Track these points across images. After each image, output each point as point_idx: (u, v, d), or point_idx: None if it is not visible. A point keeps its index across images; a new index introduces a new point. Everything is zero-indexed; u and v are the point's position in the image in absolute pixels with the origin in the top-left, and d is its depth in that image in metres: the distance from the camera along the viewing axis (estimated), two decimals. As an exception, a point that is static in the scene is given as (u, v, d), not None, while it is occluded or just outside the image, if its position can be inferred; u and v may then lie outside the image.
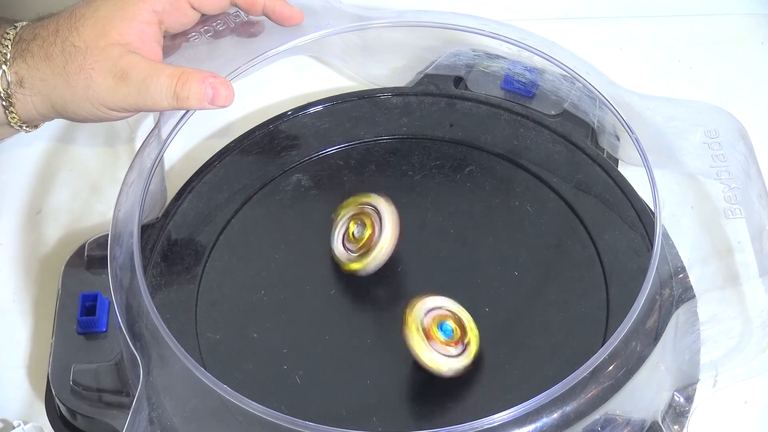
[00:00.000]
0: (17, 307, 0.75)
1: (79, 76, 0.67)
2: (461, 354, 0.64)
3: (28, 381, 0.71)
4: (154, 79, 0.67)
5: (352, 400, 0.65)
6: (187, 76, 0.67)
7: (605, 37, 0.92)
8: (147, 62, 0.68)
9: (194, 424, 0.62)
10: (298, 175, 0.76)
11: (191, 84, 0.67)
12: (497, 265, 0.71)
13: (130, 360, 0.64)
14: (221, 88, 0.68)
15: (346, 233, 0.69)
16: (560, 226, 0.73)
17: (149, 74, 0.67)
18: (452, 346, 0.63)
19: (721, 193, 0.70)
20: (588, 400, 0.62)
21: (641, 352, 0.64)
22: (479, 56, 0.82)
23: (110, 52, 0.67)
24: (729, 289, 0.69)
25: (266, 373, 0.66)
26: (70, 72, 0.67)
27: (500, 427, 0.59)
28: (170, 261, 0.71)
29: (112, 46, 0.67)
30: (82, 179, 0.82)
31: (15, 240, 0.79)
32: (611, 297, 0.68)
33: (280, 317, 0.69)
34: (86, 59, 0.67)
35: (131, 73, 0.67)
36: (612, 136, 0.78)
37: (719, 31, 0.92)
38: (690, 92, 0.86)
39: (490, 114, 0.80)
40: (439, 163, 0.77)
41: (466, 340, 0.64)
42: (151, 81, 0.67)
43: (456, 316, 0.65)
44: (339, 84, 0.87)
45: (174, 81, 0.67)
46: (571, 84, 0.79)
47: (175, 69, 0.68)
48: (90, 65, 0.67)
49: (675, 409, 0.66)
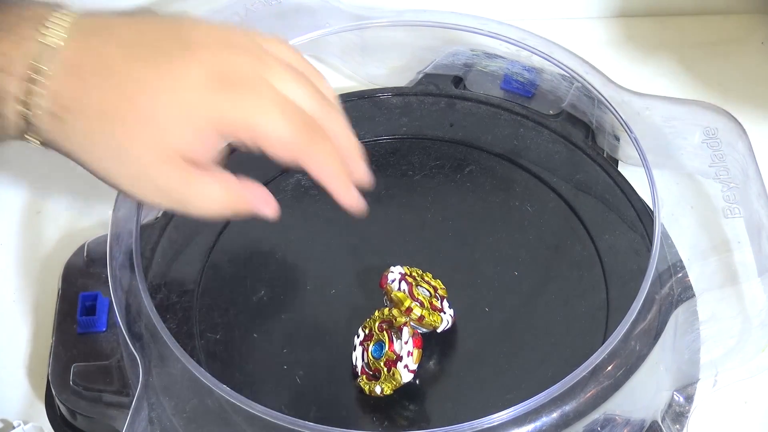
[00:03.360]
0: (17, 307, 0.75)
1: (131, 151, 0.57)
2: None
3: (28, 381, 0.71)
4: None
5: (352, 400, 0.65)
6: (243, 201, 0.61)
7: (605, 37, 0.92)
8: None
9: (194, 424, 0.62)
10: (298, 175, 0.76)
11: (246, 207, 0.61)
12: (497, 265, 0.71)
13: (130, 360, 0.64)
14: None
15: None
16: (560, 226, 0.73)
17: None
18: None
19: (720, 193, 0.70)
20: (587, 399, 0.62)
21: (641, 351, 0.64)
22: (478, 56, 0.82)
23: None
24: (728, 289, 0.69)
25: (266, 373, 0.66)
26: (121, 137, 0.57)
27: (500, 427, 0.59)
28: (170, 261, 0.71)
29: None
30: (82, 179, 0.82)
31: (15, 240, 0.79)
32: (611, 297, 0.68)
33: (280, 317, 0.69)
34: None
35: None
36: (611, 136, 0.78)
37: (719, 31, 0.92)
38: (690, 92, 0.86)
39: (490, 114, 0.80)
40: (439, 163, 0.77)
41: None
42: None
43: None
44: (338, 84, 0.87)
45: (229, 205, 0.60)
46: (570, 84, 0.79)
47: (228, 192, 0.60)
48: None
49: (675, 408, 0.66)
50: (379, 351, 0.64)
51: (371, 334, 0.65)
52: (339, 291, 0.70)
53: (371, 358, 0.64)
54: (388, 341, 0.64)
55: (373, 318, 0.65)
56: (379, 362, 0.64)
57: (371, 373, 0.64)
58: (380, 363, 0.64)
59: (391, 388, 0.63)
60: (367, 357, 0.64)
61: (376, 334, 0.65)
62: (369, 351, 0.65)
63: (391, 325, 0.64)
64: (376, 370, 0.64)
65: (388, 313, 0.65)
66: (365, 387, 0.64)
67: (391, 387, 0.63)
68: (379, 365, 0.64)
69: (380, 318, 0.65)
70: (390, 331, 0.64)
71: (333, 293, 0.70)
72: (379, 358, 0.64)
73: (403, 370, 0.63)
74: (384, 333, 0.64)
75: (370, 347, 0.65)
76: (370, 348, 0.65)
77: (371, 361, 0.64)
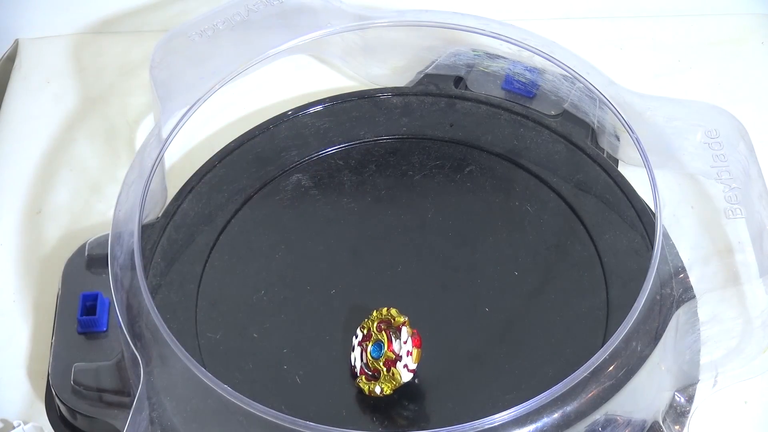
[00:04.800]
0: (17, 307, 0.75)
1: None
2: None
3: (28, 381, 0.71)
4: None
5: (352, 400, 0.65)
6: None
7: (605, 37, 0.92)
8: None
9: (195, 423, 0.62)
10: (298, 175, 0.76)
11: None
12: (497, 265, 0.71)
13: (131, 360, 0.64)
14: None
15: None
16: (560, 226, 0.73)
17: None
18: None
19: (721, 193, 0.70)
20: (588, 400, 0.62)
21: (642, 352, 0.64)
22: (479, 56, 0.82)
23: None
24: (729, 289, 0.69)
25: (266, 373, 0.66)
26: None
27: (500, 427, 0.59)
28: (170, 261, 0.71)
29: None
30: (82, 179, 0.82)
31: (15, 240, 0.79)
32: (611, 297, 0.68)
33: (280, 317, 0.69)
34: None
35: None
36: (612, 136, 0.78)
37: (719, 31, 0.92)
38: (690, 92, 0.86)
39: (490, 114, 0.80)
40: (439, 163, 0.77)
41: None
42: None
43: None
44: (339, 84, 0.87)
45: None
46: (571, 84, 0.79)
47: None
48: None
49: (676, 409, 0.66)
50: (377, 351, 0.64)
51: (370, 334, 0.65)
52: (339, 291, 0.70)
53: (370, 359, 0.64)
54: (387, 341, 0.64)
55: (372, 318, 0.65)
56: (378, 362, 0.64)
57: (370, 373, 0.64)
58: (379, 363, 0.64)
59: (391, 388, 0.63)
60: (366, 357, 0.64)
61: (375, 334, 0.65)
62: (368, 351, 0.65)
63: (390, 324, 0.64)
64: (376, 370, 0.64)
65: (387, 313, 0.65)
66: (365, 387, 0.64)
67: (390, 387, 0.63)
68: (379, 365, 0.64)
69: (378, 318, 0.65)
70: (389, 330, 0.64)
71: (333, 293, 0.70)
72: (378, 358, 0.64)
73: (403, 369, 0.63)
74: (383, 333, 0.64)
75: (369, 347, 0.65)
76: (368, 348, 0.65)
77: (370, 361, 0.64)
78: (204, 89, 0.74)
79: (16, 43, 0.93)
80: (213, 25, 0.76)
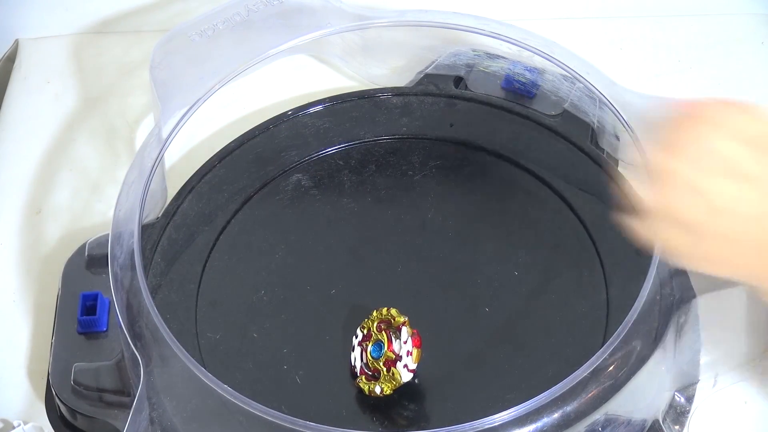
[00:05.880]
0: (17, 307, 0.75)
1: None
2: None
3: (28, 381, 0.71)
4: None
5: (352, 400, 0.65)
6: None
7: (605, 37, 0.92)
8: None
9: (195, 423, 0.62)
10: (298, 175, 0.76)
11: None
12: (497, 265, 0.71)
13: (131, 360, 0.64)
14: None
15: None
16: (560, 226, 0.73)
17: None
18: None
19: (721, 194, 0.70)
20: (588, 400, 0.62)
21: (642, 352, 0.64)
22: (479, 56, 0.82)
23: None
24: (729, 289, 0.69)
25: (266, 373, 0.66)
26: None
27: (500, 427, 0.59)
28: (170, 261, 0.71)
29: None
30: (82, 179, 0.82)
31: (15, 240, 0.79)
32: (611, 297, 0.68)
33: (280, 317, 0.69)
34: None
35: None
36: (612, 136, 0.78)
37: (719, 31, 0.92)
38: (690, 92, 0.86)
39: (490, 114, 0.80)
40: (439, 163, 0.77)
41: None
42: None
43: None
44: (339, 84, 0.87)
45: None
46: (571, 84, 0.79)
47: None
48: None
49: (676, 409, 0.66)
50: (377, 351, 0.64)
51: (370, 334, 0.65)
52: (339, 291, 0.70)
53: (370, 359, 0.64)
54: (387, 341, 0.64)
55: (372, 318, 0.65)
56: (378, 362, 0.64)
57: (370, 373, 0.64)
58: (379, 363, 0.64)
59: (391, 388, 0.63)
60: (366, 357, 0.64)
61: (375, 334, 0.65)
62: (368, 351, 0.65)
63: (390, 324, 0.64)
64: (376, 370, 0.64)
65: (387, 313, 0.65)
66: (365, 387, 0.64)
67: (390, 387, 0.63)
68: (379, 365, 0.64)
69: (378, 318, 0.65)
70: (389, 330, 0.64)
71: (333, 293, 0.70)
72: (378, 358, 0.64)
73: (403, 369, 0.63)
74: (383, 333, 0.64)
75: (369, 347, 0.65)
76: (368, 348, 0.65)
77: (370, 361, 0.64)
78: (204, 89, 0.74)
79: (16, 43, 0.93)
80: (213, 25, 0.76)
